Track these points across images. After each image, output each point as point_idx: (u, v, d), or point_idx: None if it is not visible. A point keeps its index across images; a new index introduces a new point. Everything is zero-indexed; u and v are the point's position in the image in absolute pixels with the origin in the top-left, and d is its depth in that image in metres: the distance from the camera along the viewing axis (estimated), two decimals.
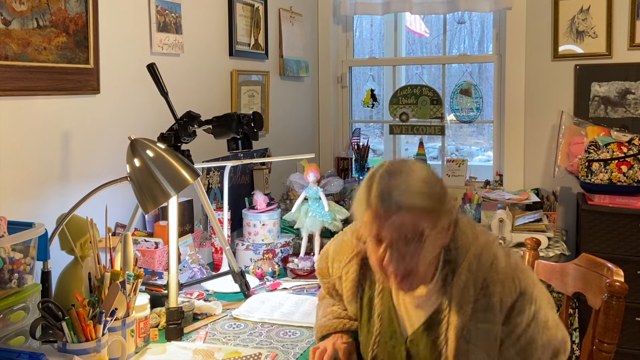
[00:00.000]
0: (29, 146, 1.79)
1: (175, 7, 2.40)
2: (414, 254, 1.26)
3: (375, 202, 1.24)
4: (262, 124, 1.92)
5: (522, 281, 1.32)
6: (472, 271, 1.31)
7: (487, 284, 1.30)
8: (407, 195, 1.23)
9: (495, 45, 3.66)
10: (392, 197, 1.23)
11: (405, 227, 1.23)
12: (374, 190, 1.25)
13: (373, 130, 5.44)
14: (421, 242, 1.25)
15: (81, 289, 1.56)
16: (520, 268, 1.35)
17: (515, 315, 1.30)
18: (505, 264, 1.33)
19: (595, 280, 1.66)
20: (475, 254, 1.32)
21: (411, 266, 1.27)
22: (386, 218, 1.23)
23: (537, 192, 3.31)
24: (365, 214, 1.27)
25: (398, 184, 1.24)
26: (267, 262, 2.35)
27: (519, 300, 1.30)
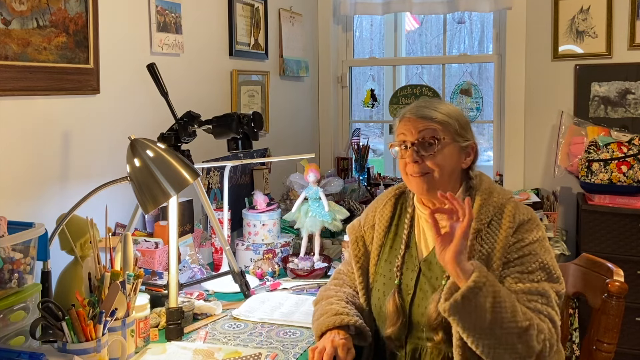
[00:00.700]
0: (29, 146, 1.79)
1: (175, 7, 2.40)
2: (432, 156, 1.52)
3: (408, 113, 1.58)
4: (262, 124, 1.92)
5: (534, 214, 1.54)
6: (493, 196, 1.54)
7: (505, 205, 1.53)
8: (431, 110, 1.55)
9: (495, 45, 3.66)
10: (420, 109, 1.56)
11: (426, 131, 1.53)
12: (407, 107, 1.60)
13: (373, 130, 5.45)
14: (438, 148, 1.52)
15: (81, 289, 1.56)
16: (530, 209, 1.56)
17: (523, 232, 1.48)
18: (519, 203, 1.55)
19: (595, 280, 1.66)
20: (495, 188, 1.58)
21: (429, 168, 1.53)
22: (412, 123, 1.55)
23: (537, 192, 3.31)
24: (399, 125, 1.59)
25: (428, 103, 1.59)
26: (267, 262, 2.35)
27: (529, 222, 1.50)
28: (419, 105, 1.58)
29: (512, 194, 1.59)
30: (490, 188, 1.57)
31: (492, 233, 1.49)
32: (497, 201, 1.53)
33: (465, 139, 1.57)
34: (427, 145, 1.53)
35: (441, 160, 1.53)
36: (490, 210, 1.52)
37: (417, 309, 1.54)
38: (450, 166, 1.55)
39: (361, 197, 3.42)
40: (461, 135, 1.56)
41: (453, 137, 1.54)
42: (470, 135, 1.60)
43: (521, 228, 1.49)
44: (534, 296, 1.42)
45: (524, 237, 1.48)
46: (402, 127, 1.57)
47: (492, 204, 1.53)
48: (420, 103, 1.59)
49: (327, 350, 1.49)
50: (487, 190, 1.56)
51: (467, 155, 1.58)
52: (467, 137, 1.58)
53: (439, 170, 1.53)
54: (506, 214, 1.50)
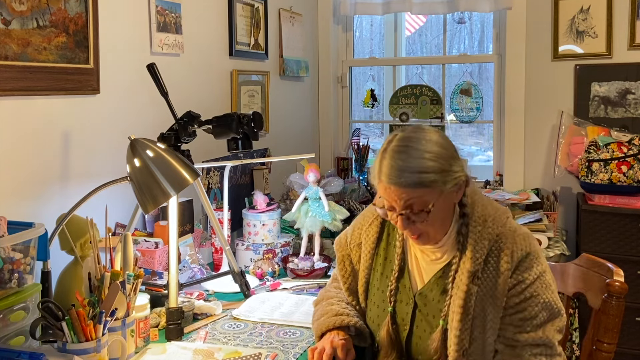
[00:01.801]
0: (29, 146, 1.79)
1: (175, 7, 2.40)
2: (423, 220, 1.39)
3: (385, 178, 1.38)
4: (262, 124, 1.92)
5: (531, 244, 1.44)
6: (487, 226, 1.44)
7: (500, 238, 1.42)
8: (413, 174, 1.35)
9: (495, 45, 3.66)
10: (399, 176, 1.36)
11: (412, 201, 1.37)
12: (384, 168, 1.38)
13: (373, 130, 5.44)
14: (428, 213, 1.38)
15: (81, 289, 1.56)
16: (530, 235, 1.47)
17: (522, 271, 1.40)
18: (517, 227, 1.46)
19: (595, 280, 1.66)
20: (490, 213, 1.46)
21: (422, 229, 1.41)
22: (394, 193, 1.37)
23: (537, 192, 3.31)
24: (378, 186, 1.41)
25: (405, 162, 1.36)
26: (267, 262, 2.35)
27: (528, 257, 1.41)
28: (396, 167, 1.36)
29: (508, 214, 1.49)
30: (484, 215, 1.45)
31: (489, 273, 1.41)
32: (492, 232, 1.43)
33: (455, 178, 1.39)
34: (417, 213, 1.38)
35: (434, 220, 1.40)
36: (486, 245, 1.42)
37: (416, 347, 1.50)
38: (445, 216, 1.43)
39: (361, 197, 3.42)
40: (451, 180, 1.38)
41: (442, 190, 1.37)
42: (459, 168, 1.41)
43: (520, 266, 1.41)
44: (538, 348, 1.39)
45: (524, 278, 1.40)
46: (383, 193, 1.40)
47: (487, 236, 1.42)
48: (396, 163, 1.36)
49: (326, 350, 1.48)
50: (480, 218, 1.44)
51: (459, 190, 1.43)
52: (457, 174, 1.40)
53: (433, 229, 1.42)
54: (504, 251, 1.41)
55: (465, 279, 1.40)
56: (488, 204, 1.49)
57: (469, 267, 1.41)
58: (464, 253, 1.42)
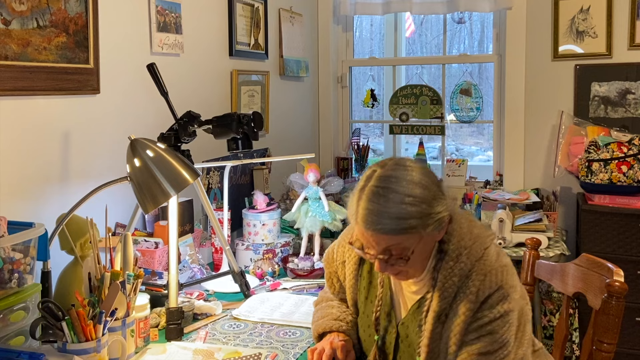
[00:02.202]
0: (29, 146, 1.79)
1: (175, 7, 2.40)
2: (402, 263, 1.32)
3: (361, 223, 1.29)
4: (262, 124, 1.92)
5: (504, 279, 1.34)
6: (461, 260, 1.35)
7: (471, 274, 1.34)
8: (391, 220, 1.26)
9: (495, 45, 3.65)
10: (377, 222, 1.27)
11: (391, 247, 1.30)
12: (360, 210, 1.29)
13: (373, 130, 5.45)
14: (407, 258, 1.31)
15: (81, 289, 1.56)
16: (507, 269, 1.36)
17: (485, 308, 1.32)
18: (494, 259, 1.36)
19: (595, 280, 1.66)
20: (466, 245, 1.36)
21: (400, 270, 1.35)
22: (372, 239, 1.30)
23: (537, 192, 3.31)
24: (355, 227, 1.33)
25: (383, 207, 1.27)
26: (267, 262, 2.35)
27: (494, 294, 1.32)
28: (374, 212, 1.27)
29: (487, 244, 1.38)
30: (459, 248, 1.35)
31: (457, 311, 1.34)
32: (464, 267, 1.33)
33: (437, 220, 1.30)
34: (396, 258, 1.31)
35: (414, 261, 1.33)
36: (455, 282, 1.34)
37: None
38: (426, 256, 1.36)
39: None
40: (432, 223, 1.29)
41: (423, 232, 1.29)
42: (443, 207, 1.31)
43: (485, 304, 1.32)
44: None
45: (485, 315, 1.31)
46: (360, 234, 1.32)
47: (458, 272, 1.34)
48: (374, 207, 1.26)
49: (326, 351, 1.48)
50: (455, 252, 1.35)
51: (442, 230, 1.34)
52: (439, 216, 1.30)
53: (412, 269, 1.35)
54: (470, 289, 1.32)
55: (431, 319, 1.36)
56: (467, 234, 1.37)
57: (435, 307, 1.35)
58: (434, 292, 1.36)
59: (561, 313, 1.82)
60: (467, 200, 3.24)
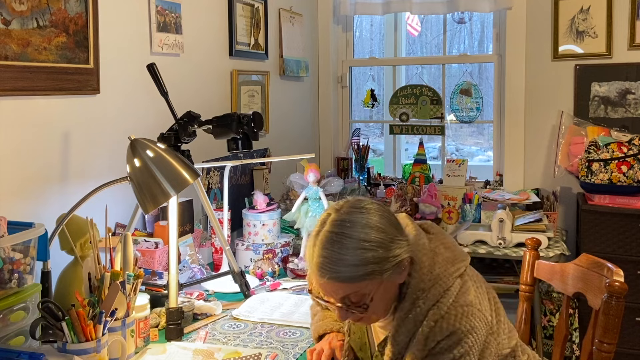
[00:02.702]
0: (29, 146, 1.79)
1: (175, 7, 2.40)
2: (362, 310, 1.27)
3: (316, 270, 1.24)
4: (262, 124, 1.92)
5: (460, 323, 1.26)
6: (417, 305, 1.28)
7: (424, 320, 1.28)
8: (347, 268, 1.21)
9: (495, 45, 3.65)
10: (332, 270, 1.22)
11: (349, 295, 1.25)
12: (315, 258, 1.24)
13: (373, 130, 5.45)
14: (366, 305, 1.26)
15: (81, 289, 1.56)
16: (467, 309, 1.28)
17: (436, 353, 1.26)
18: (452, 300, 1.28)
19: (595, 280, 1.66)
20: (424, 288, 1.29)
21: (362, 317, 1.29)
22: (329, 287, 1.25)
23: (537, 192, 3.31)
24: (312, 274, 1.27)
25: (337, 254, 1.22)
26: (267, 262, 2.35)
27: (444, 340, 1.25)
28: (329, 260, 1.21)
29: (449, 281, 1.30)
30: (416, 292, 1.29)
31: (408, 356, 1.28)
32: (419, 312, 1.27)
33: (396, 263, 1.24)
34: (355, 306, 1.26)
35: (375, 307, 1.28)
36: (410, 328, 1.28)
37: None
38: (388, 300, 1.30)
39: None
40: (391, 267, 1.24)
41: (381, 277, 1.23)
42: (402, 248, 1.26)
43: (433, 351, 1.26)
44: None
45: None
46: (316, 282, 1.27)
47: (412, 318, 1.28)
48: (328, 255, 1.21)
49: (325, 352, 1.48)
50: (412, 295, 1.29)
51: (404, 270, 1.28)
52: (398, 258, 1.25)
53: (375, 314, 1.30)
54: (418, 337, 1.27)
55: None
56: (426, 275, 1.30)
57: (389, 353, 1.31)
58: (389, 337, 1.32)
59: (561, 313, 1.82)
60: (467, 200, 3.24)
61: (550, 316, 3.09)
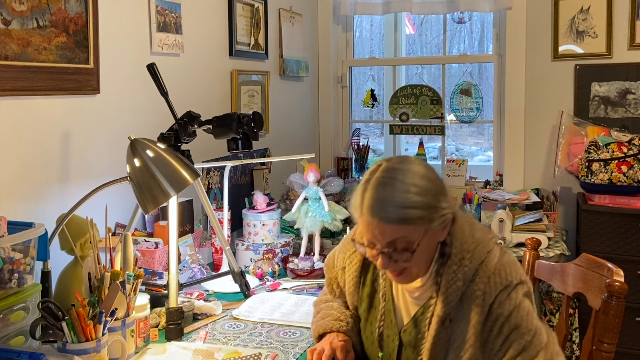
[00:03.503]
0: (29, 146, 1.79)
1: (175, 7, 2.40)
2: (406, 259, 1.30)
3: (367, 212, 1.28)
4: (262, 124, 1.92)
5: (509, 276, 1.33)
6: (464, 264, 1.34)
7: (475, 278, 1.33)
8: (398, 209, 1.26)
9: (495, 45, 3.65)
10: (384, 210, 1.26)
11: (396, 239, 1.28)
12: (367, 200, 1.29)
13: (373, 130, 5.45)
14: (412, 252, 1.29)
15: (81, 289, 1.56)
16: (510, 265, 1.36)
17: (497, 307, 1.31)
18: (497, 259, 1.35)
19: (595, 280, 1.66)
20: (469, 249, 1.35)
21: (404, 267, 1.33)
22: (378, 229, 1.28)
23: (537, 192, 3.31)
24: (359, 220, 1.32)
25: (390, 195, 1.27)
26: (267, 262, 2.35)
27: (503, 292, 1.31)
28: (381, 200, 1.27)
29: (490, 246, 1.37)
30: (462, 252, 1.34)
31: (462, 316, 1.33)
32: (467, 271, 1.33)
33: (442, 215, 1.30)
34: (400, 251, 1.29)
35: (418, 258, 1.31)
36: (460, 286, 1.33)
37: None
38: (429, 255, 1.35)
39: None
40: (437, 217, 1.29)
41: (428, 226, 1.28)
42: (447, 204, 1.31)
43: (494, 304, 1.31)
44: None
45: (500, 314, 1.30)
46: (364, 227, 1.30)
47: (462, 276, 1.33)
48: (381, 195, 1.26)
49: (325, 352, 1.47)
50: (457, 256, 1.34)
51: (445, 228, 1.34)
52: (444, 212, 1.30)
53: (416, 267, 1.33)
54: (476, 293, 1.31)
55: (435, 324, 1.35)
56: (469, 237, 1.36)
57: (439, 312, 1.34)
58: (438, 296, 1.35)
59: (561, 313, 1.82)
60: (467, 200, 3.24)
61: (550, 316, 3.10)
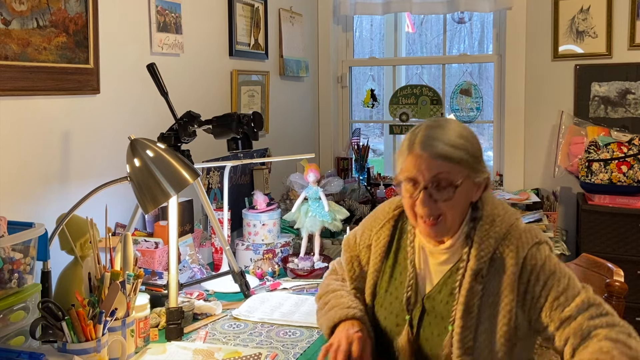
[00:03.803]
0: (29, 146, 1.79)
1: (175, 7, 2.40)
2: (445, 199, 1.38)
3: (418, 147, 1.38)
4: (262, 124, 1.92)
5: (538, 234, 1.44)
6: (495, 225, 1.43)
7: (507, 236, 1.42)
8: (446, 146, 1.37)
9: (495, 45, 3.66)
10: (433, 145, 1.37)
11: (441, 174, 1.37)
12: (418, 138, 1.39)
13: (373, 130, 5.45)
14: (453, 191, 1.38)
15: (81, 289, 1.56)
16: (537, 229, 1.47)
17: (530, 259, 1.39)
18: (525, 225, 1.47)
19: (595, 280, 1.66)
20: (499, 214, 1.45)
21: (441, 211, 1.39)
22: (425, 163, 1.37)
23: (537, 192, 3.31)
24: (407, 159, 1.40)
25: (439, 135, 1.39)
26: (267, 262, 2.34)
27: (534, 247, 1.41)
28: (431, 137, 1.38)
29: (517, 215, 1.48)
30: (492, 215, 1.44)
31: (495, 271, 1.40)
32: (499, 230, 1.42)
33: (481, 172, 1.42)
34: (442, 189, 1.38)
35: (455, 203, 1.39)
36: (492, 243, 1.41)
37: (423, 349, 1.47)
38: (464, 207, 1.43)
39: (361, 197, 3.42)
40: (476, 171, 1.41)
41: (469, 174, 1.39)
42: (484, 166, 1.44)
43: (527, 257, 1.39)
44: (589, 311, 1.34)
45: (534, 264, 1.39)
46: (411, 163, 1.39)
47: (494, 235, 1.41)
48: (431, 134, 1.39)
49: (341, 347, 1.41)
50: (488, 218, 1.44)
51: (479, 189, 1.44)
52: (483, 169, 1.43)
53: (452, 213, 1.40)
54: (509, 248, 1.40)
55: (469, 278, 1.39)
56: (498, 204, 1.48)
57: (473, 265, 1.40)
58: (470, 253, 1.42)
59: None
60: None
61: None
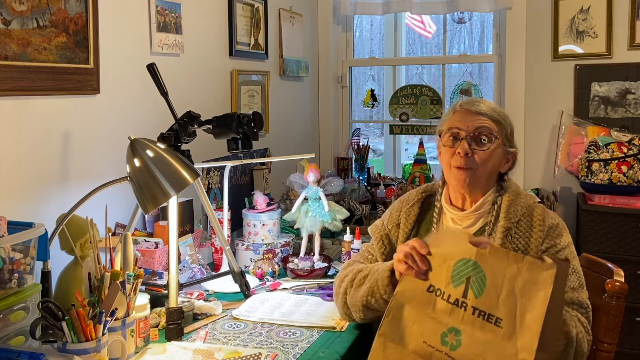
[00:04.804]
0: (29, 146, 1.79)
1: (175, 7, 2.40)
2: (484, 149, 1.57)
3: (464, 105, 1.62)
4: (262, 124, 1.92)
5: (560, 219, 1.60)
6: (521, 197, 1.61)
7: (532, 208, 1.59)
8: (488, 107, 1.61)
9: (495, 45, 3.66)
10: (477, 105, 1.61)
11: (482, 128, 1.58)
12: (463, 100, 1.64)
13: (373, 130, 5.45)
14: (489, 147, 1.57)
15: (81, 289, 1.56)
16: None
17: (555, 236, 1.54)
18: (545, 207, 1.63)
19: (595, 280, 1.66)
20: (521, 191, 1.65)
21: (476, 163, 1.57)
22: (470, 117, 1.59)
23: (537, 192, 3.31)
24: (452, 116, 1.62)
25: (483, 101, 1.65)
26: (267, 262, 2.34)
27: (558, 227, 1.56)
28: (476, 100, 1.64)
29: (536, 199, 1.65)
30: (517, 191, 1.64)
31: (522, 233, 1.55)
32: (525, 202, 1.60)
33: (512, 145, 1.64)
34: (480, 141, 1.58)
35: (488, 158, 1.58)
36: (519, 210, 1.58)
37: None
38: (494, 166, 1.61)
39: (361, 197, 3.42)
40: (509, 141, 1.62)
41: (503, 139, 1.60)
42: (514, 143, 1.65)
43: (551, 232, 1.54)
44: (573, 305, 1.48)
45: (556, 243, 1.53)
46: (457, 118, 1.61)
47: (521, 204, 1.59)
48: (475, 99, 1.77)
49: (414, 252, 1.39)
50: (515, 192, 1.62)
51: (507, 161, 1.64)
52: (513, 144, 1.64)
53: (483, 167, 1.58)
54: (535, 216, 1.56)
55: (500, 234, 1.54)
56: (521, 189, 1.67)
57: (503, 224, 1.55)
58: (498, 216, 1.58)
59: None
60: None
61: None
